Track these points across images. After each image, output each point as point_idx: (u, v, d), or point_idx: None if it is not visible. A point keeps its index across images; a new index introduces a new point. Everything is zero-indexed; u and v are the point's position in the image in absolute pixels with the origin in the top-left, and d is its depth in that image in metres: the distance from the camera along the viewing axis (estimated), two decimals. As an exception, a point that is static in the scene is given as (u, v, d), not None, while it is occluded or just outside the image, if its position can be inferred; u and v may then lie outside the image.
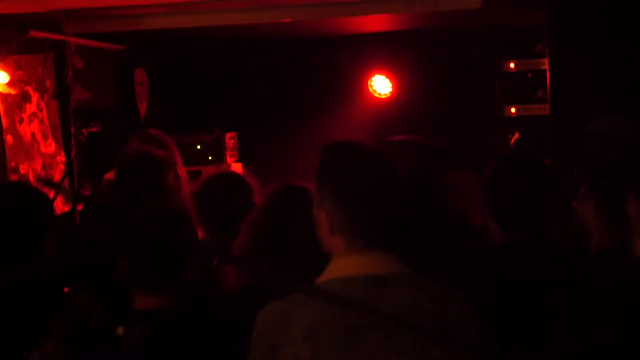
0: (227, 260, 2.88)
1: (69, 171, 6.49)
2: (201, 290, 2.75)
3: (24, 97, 6.28)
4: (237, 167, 7.53)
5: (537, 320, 2.41)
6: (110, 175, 5.14)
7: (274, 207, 2.80)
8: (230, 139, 7.71)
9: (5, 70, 6.04)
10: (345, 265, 2.00)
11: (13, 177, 6.11)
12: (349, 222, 2.00)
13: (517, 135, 7.39)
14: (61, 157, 6.56)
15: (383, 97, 8.39)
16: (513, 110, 7.61)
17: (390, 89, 8.35)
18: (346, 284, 1.97)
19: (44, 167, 6.42)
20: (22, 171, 6.23)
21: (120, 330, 2.45)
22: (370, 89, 8.40)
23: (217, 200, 3.48)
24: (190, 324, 2.54)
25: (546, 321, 2.34)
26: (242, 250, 2.76)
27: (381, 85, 8.36)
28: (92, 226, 3.99)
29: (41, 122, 6.42)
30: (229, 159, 7.52)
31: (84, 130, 6.69)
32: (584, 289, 2.22)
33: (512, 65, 7.62)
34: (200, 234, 3.34)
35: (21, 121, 6.26)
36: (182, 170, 4.32)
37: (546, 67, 5.55)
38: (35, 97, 6.37)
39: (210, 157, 7.44)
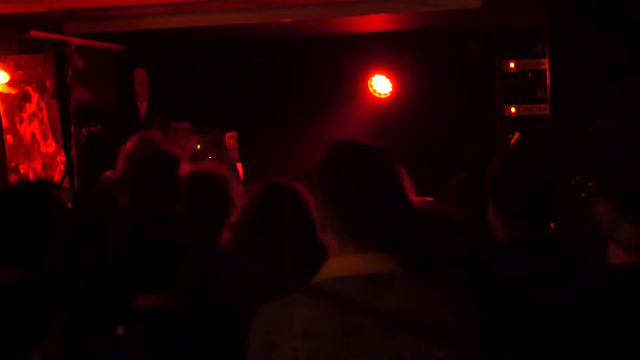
0: (221, 258, 2.88)
1: (68, 171, 6.49)
2: (199, 290, 2.75)
3: (24, 97, 6.29)
4: (237, 167, 7.54)
5: (538, 319, 2.40)
6: (110, 173, 5.13)
7: (261, 204, 2.80)
8: (230, 139, 7.71)
9: (5, 70, 6.05)
10: (341, 264, 2.00)
11: (13, 177, 6.11)
12: (343, 222, 2.00)
13: (517, 135, 7.39)
14: (61, 157, 6.56)
15: (383, 97, 8.40)
16: (513, 110, 7.62)
17: (390, 89, 8.35)
18: (343, 283, 1.96)
19: (44, 166, 6.42)
20: (22, 171, 6.24)
21: (120, 330, 2.44)
22: (370, 89, 8.41)
23: (200, 193, 3.49)
24: (190, 323, 2.54)
25: (547, 321, 2.34)
26: (229, 247, 2.76)
27: (381, 85, 8.37)
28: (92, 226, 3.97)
29: (41, 122, 6.42)
30: (228, 159, 7.52)
31: (84, 130, 6.70)
32: (585, 291, 2.22)
33: (512, 65, 7.63)
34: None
35: (21, 121, 6.26)
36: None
37: (546, 67, 5.56)
38: (35, 97, 6.37)
39: (210, 157, 7.44)
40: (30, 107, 6.34)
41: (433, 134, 7.94)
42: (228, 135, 7.70)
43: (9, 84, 6.10)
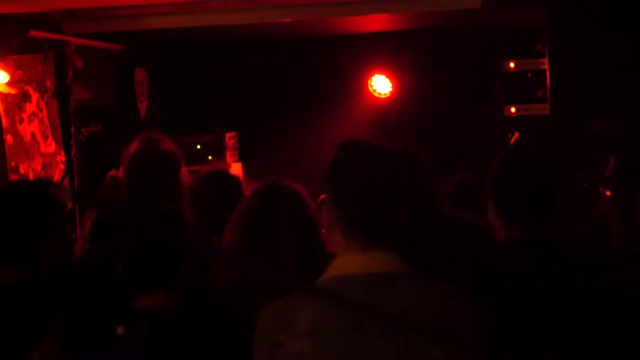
0: (223, 259, 2.88)
1: (68, 171, 6.49)
2: (199, 290, 2.75)
3: (24, 97, 6.29)
4: (237, 167, 7.54)
5: (539, 320, 2.41)
6: (114, 173, 5.12)
7: (261, 204, 2.80)
8: (230, 139, 7.71)
9: (5, 70, 6.05)
10: (346, 263, 2.01)
11: (13, 177, 6.11)
12: (348, 221, 2.01)
13: (517, 135, 7.39)
14: (61, 157, 6.56)
15: (383, 97, 8.39)
16: (513, 110, 7.62)
17: (390, 89, 8.35)
18: (348, 282, 1.97)
19: (44, 167, 6.42)
20: (22, 171, 6.24)
21: (120, 330, 2.44)
22: (370, 89, 8.40)
23: (209, 198, 3.47)
24: (190, 323, 2.54)
25: (548, 322, 2.34)
26: (229, 247, 2.76)
27: (381, 85, 8.37)
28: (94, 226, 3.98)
29: (41, 122, 6.42)
30: (229, 159, 7.52)
31: (84, 130, 6.70)
32: (585, 291, 2.22)
33: (512, 65, 7.62)
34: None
35: (21, 121, 6.26)
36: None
37: (546, 67, 5.56)
38: (35, 97, 6.37)
39: (210, 157, 7.44)
40: (30, 107, 6.34)
41: (433, 134, 7.93)
42: (228, 135, 7.69)
43: (9, 84, 6.10)
